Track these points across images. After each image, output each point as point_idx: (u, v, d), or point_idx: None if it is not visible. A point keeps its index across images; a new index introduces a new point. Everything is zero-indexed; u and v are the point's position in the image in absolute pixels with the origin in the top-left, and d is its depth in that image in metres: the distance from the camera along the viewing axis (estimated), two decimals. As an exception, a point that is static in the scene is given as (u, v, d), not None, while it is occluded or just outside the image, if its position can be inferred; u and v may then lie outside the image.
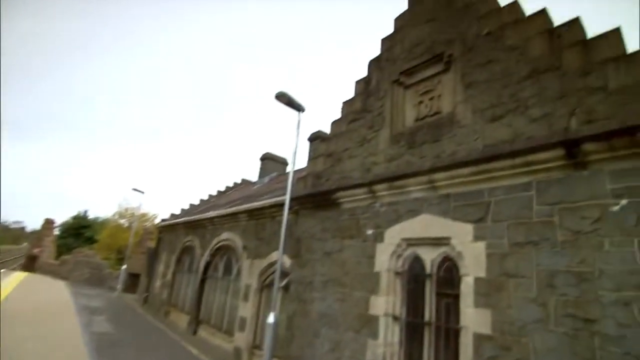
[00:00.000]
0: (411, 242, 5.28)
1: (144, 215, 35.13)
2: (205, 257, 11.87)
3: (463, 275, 4.46)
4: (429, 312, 4.85)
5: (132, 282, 20.99)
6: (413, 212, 5.30)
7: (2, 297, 12.48)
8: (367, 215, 6.03)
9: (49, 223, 30.44)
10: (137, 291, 19.49)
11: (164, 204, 61.53)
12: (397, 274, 5.34)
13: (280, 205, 8.63)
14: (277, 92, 7.55)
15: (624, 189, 3.49)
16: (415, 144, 5.53)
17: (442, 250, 4.90)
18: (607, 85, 3.78)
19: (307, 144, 16.03)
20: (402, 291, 5.26)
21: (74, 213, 41.28)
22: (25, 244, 42.88)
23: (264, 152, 18.87)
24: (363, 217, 6.09)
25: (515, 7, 4.89)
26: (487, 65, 4.90)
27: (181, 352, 9.19)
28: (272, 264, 8.64)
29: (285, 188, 10.82)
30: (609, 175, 3.60)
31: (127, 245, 22.51)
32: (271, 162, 18.55)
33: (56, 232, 34.96)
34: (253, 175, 22.14)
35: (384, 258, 5.46)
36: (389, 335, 5.10)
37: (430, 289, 4.92)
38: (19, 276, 20.65)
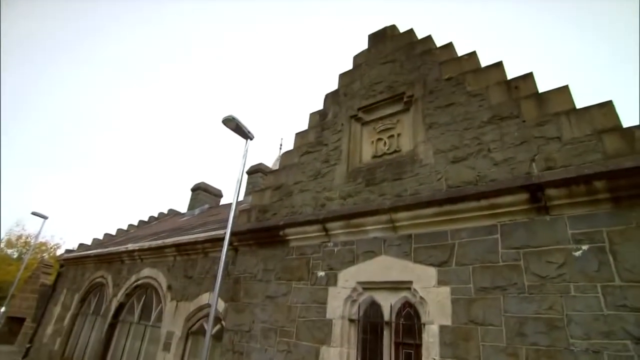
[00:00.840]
0: (368, 286, 4.90)
1: (42, 245, 30.18)
2: (119, 297, 10.14)
3: (426, 323, 4.14)
4: (388, 364, 4.40)
5: (12, 329, 17.13)
6: (371, 253, 4.97)
7: None
8: (318, 255, 5.56)
9: None
10: (16, 341, 15.94)
11: (74, 232, 53.02)
12: (351, 321, 4.86)
13: (216, 240, 7.77)
14: (225, 116, 7.01)
15: (583, 235, 3.56)
16: (375, 181, 5.33)
17: (402, 295, 4.58)
18: (562, 135, 3.98)
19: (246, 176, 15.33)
20: (357, 341, 4.77)
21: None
22: None
23: (196, 181, 17.60)
24: (314, 257, 5.59)
25: (473, 57, 5.14)
26: (448, 107, 4.99)
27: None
28: (201, 308, 7.56)
29: (220, 222, 9.95)
30: (569, 221, 3.67)
31: (12, 282, 18.69)
32: (204, 193, 17.31)
33: None
34: (181, 206, 20.48)
35: (337, 304, 4.97)
36: (342, 394, 4.51)
37: (389, 339, 4.51)
38: None
